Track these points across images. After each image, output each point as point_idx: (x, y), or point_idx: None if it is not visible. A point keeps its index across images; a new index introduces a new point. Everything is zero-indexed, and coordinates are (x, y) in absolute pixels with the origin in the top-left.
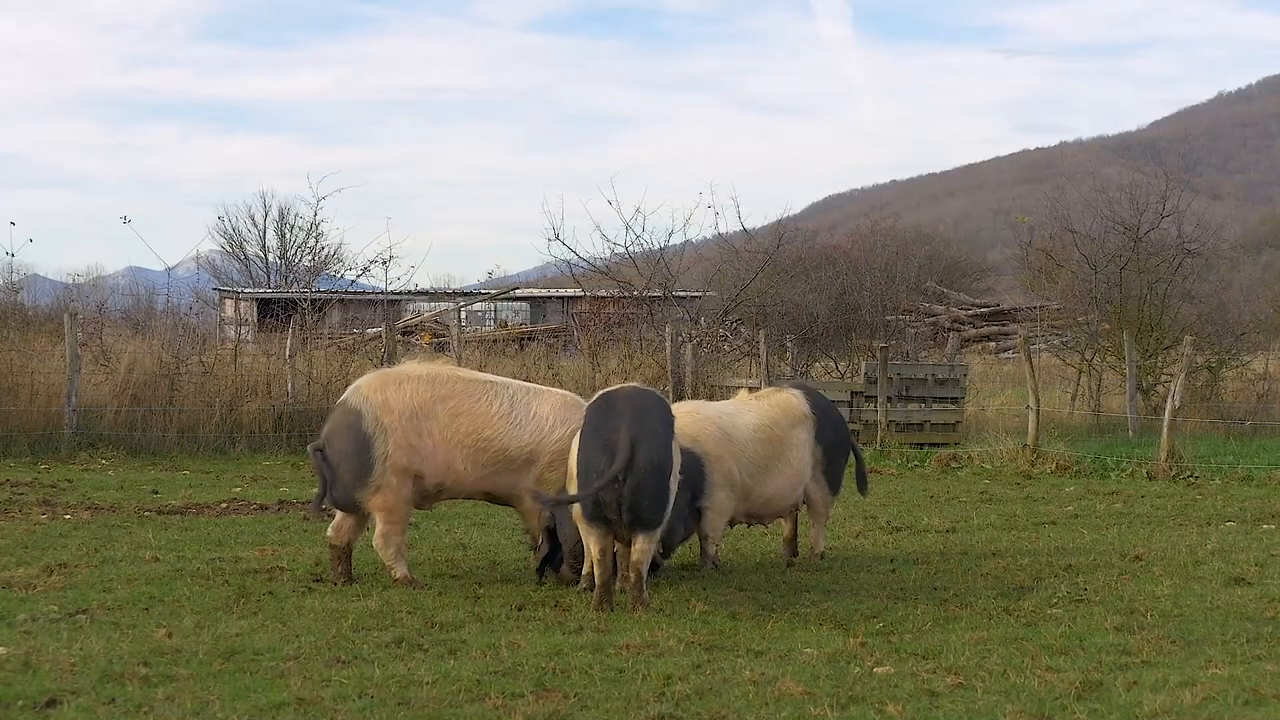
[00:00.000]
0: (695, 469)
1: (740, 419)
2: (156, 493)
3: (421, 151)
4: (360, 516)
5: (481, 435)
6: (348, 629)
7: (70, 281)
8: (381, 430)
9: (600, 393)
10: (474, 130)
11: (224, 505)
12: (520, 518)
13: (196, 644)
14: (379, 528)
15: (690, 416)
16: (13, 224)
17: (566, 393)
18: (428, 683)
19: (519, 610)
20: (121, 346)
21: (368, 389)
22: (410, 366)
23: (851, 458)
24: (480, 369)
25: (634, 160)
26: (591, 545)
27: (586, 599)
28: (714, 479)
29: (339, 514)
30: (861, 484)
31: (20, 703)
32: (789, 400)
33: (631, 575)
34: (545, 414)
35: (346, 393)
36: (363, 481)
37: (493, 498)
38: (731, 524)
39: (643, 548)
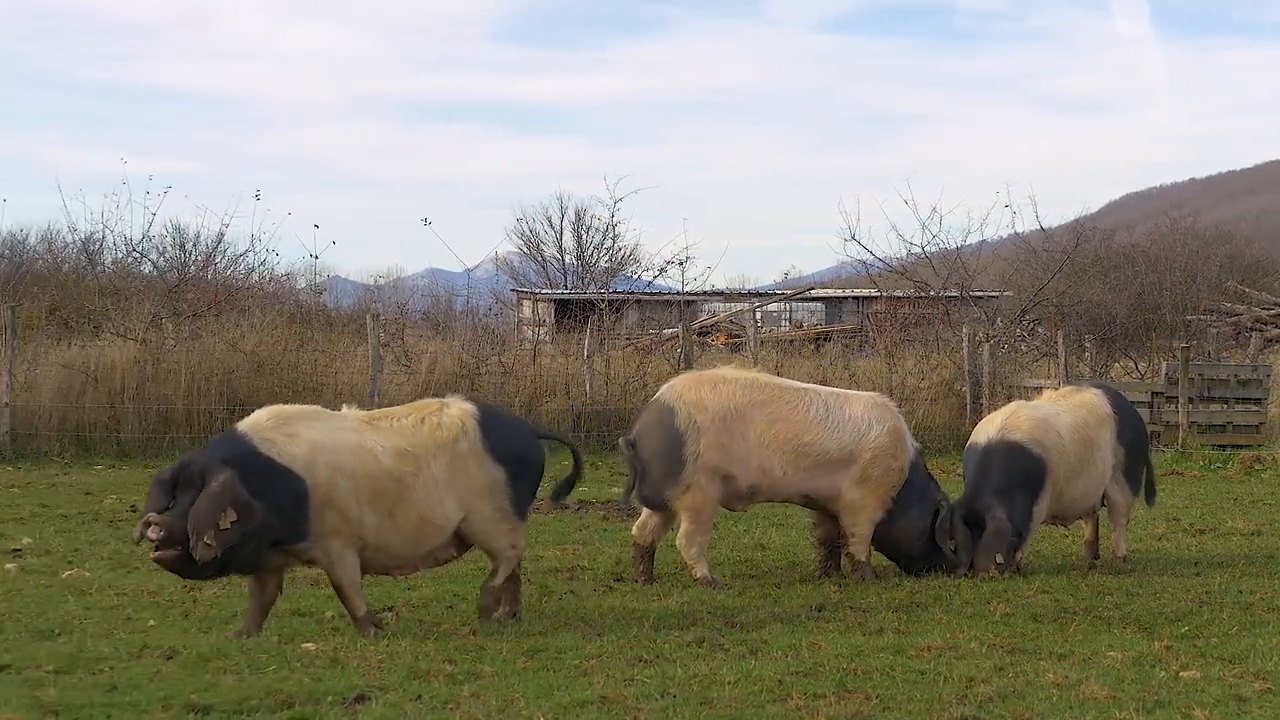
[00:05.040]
0: (1039, 475)
1: (1062, 420)
2: None
3: (712, 151)
4: (666, 515)
5: (801, 440)
6: (649, 628)
7: (371, 283)
8: (695, 428)
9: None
10: (765, 131)
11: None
12: (816, 519)
13: (500, 642)
14: (683, 527)
15: (1032, 420)
16: (316, 227)
17: (875, 394)
18: (730, 682)
19: (819, 611)
20: (422, 347)
21: (683, 387)
22: (726, 370)
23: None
24: (776, 370)
25: (928, 159)
26: None
27: (887, 600)
28: (1047, 485)
29: (645, 512)
30: (1150, 493)
31: (330, 698)
32: (1092, 400)
33: None
34: (859, 415)
35: (661, 390)
36: (673, 480)
37: (810, 500)
38: None
39: None
